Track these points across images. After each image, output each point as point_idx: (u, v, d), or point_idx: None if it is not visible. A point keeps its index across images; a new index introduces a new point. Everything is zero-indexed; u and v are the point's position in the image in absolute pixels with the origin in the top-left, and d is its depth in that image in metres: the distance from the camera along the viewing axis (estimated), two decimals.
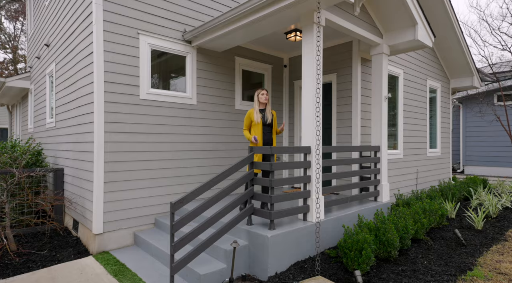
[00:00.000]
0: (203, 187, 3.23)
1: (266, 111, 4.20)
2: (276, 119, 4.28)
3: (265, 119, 4.14)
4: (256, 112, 4.11)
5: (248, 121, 4.14)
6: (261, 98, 4.14)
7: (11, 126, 11.87)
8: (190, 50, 5.13)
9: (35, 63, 7.95)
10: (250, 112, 4.15)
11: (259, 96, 4.14)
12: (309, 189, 3.88)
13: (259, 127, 4.10)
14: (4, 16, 23.58)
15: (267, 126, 4.17)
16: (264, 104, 4.19)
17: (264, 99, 4.14)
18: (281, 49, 6.37)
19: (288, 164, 3.74)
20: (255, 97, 4.17)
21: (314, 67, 3.85)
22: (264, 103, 4.18)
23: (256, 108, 4.14)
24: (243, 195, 3.61)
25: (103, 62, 4.20)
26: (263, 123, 4.14)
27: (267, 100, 4.18)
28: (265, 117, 4.16)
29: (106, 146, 4.24)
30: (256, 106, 4.15)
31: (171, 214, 3.03)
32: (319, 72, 3.89)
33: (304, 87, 3.95)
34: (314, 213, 3.82)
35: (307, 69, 3.92)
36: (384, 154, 5.15)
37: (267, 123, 4.15)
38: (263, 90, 4.17)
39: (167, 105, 4.85)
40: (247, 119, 4.13)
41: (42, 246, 4.45)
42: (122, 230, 4.40)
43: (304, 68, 3.95)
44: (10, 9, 23.07)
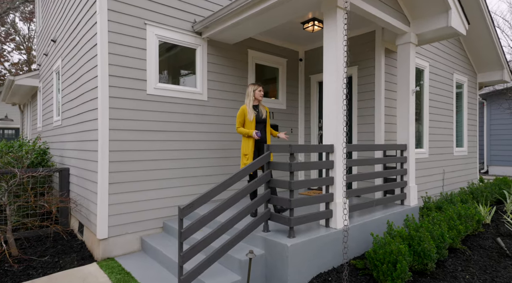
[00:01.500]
0: (215, 190, 2.88)
1: (260, 107, 4.00)
2: (269, 116, 4.08)
3: (260, 116, 3.94)
4: (250, 109, 3.90)
5: (241, 118, 3.90)
6: (257, 94, 3.94)
7: (23, 126, 11.86)
8: (200, 42, 4.79)
9: (43, 61, 7.79)
10: (243, 108, 3.91)
11: (255, 92, 3.93)
12: (332, 192, 3.48)
13: (253, 125, 3.90)
14: (19, 17, 23.94)
15: (262, 123, 3.96)
16: (258, 100, 3.98)
17: (260, 96, 3.96)
18: (296, 42, 5.98)
19: (308, 164, 3.36)
20: (250, 92, 3.94)
21: (340, 56, 3.45)
22: (259, 99, 3.98)
23: (250, 104, 3.91)
24: (259, 198, 3.24)
25: (108, 55, 3.91)
26: (258, 120, 3.93)
27: (262, 97, 4.00)
28: (260, 113, 3.96)
29: (111, 145, 3.94)
30: (250, 102, 3.92)
31: (179, 221, 2.69)
32: (344, 61, 3.49)
33: (326, 79, 3.56)
34: (338, 219, 3.42)
35: (330, 60, 3.52)
36: (412, 153, 4.69)
37: (262, 119, 3.94)
38: (260, 86, 3.99)
39: (176, 101, 4.53)
40: (240, 116, 3.90)
41: (45, 250, 4.20)
42: (128, 235, 4.10)
43: (327, 58, 3.55)
44: (25, 11, 23.38)
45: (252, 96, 3.93)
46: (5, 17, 22.49)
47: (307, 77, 6.25)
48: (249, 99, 3.94)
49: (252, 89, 3.96)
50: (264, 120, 3.99)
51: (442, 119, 6.81)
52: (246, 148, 3.87)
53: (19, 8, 22.50)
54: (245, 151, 3.88)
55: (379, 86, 5.03)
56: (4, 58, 24.56)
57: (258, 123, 3.95)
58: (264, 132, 3.99)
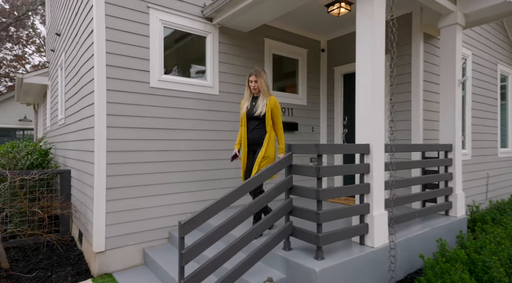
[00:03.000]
0: (224, 200, 2.32)
1: (259, 99, 3.22)
2: (276, 113, 3.18)
3: (251, 110, 3.20)
4: (245, 100, 3.29)
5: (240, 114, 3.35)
6: (250, 85, 3.25)
7: (36, 126, 11.78)
8: (211, 29, 4.26)
9: (51, 57, 7.51)
10: (242, 101, 3.37)
11: (248, 82, 3.28)
12: (368, 202, 2.85)
13: (244, 122, 3.23)
14: (39, 20, 24.41)
15: (255, 120, 3.20)
16: (253, 90, 3.26)
17: (252, 86, 3.21)
18: (317, 30, 5.35)
19: (338, 168, 2.73)
20: (247, 81, 3.31)
21: (379, 39, 2.84)
22: (257, 91, 3.25)
23: (246, 94, 3.30)
24: (278, 209, 2.65)
25: (105, 42, 3.43)
26: (248, 115, 3.21)
27: (257, 89, 3.21)
28: (253, 107, 3.21)
29: (109, 145, 3.46)
30: (246, 92, 3.31)
31: (179, 239, 2.14)
32: (383, 45, 2.86)
33: (360, 69, 2.94)
34: (376, 235, 2.78)
35: (365, 45, 2.90)
36: (458, 155, 3.97)
37: (254, 115, 3.17)
38: (251, 75, 3.22)
39: (184, 95, 4.01)
40: (240, 110, 3.38)
41: (39, 262, 3.77)
42: (129, 246, 3.60)
43: (362, 43, 2.94)
44: (44, 14, 23.77)
45: (247, 86, 3.29)
46: (25, 19, 22.92)
47: (330, 69, 5.60)
48: (245, 89, 3.35)
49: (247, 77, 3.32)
50: (258, 117, 3.15)
51: (486, 116, 5.99)
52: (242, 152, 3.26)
53: (39, 11, 22.89)
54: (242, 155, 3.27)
55: (416, 77, 4.32)
56: (26, 60, 25.12)
57: (250, 119, 3.22)
58: (259, 132, 3.18)
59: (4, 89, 24.79)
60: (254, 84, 3.19)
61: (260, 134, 3.19)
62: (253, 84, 3.19)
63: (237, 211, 2.39)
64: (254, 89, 3.20)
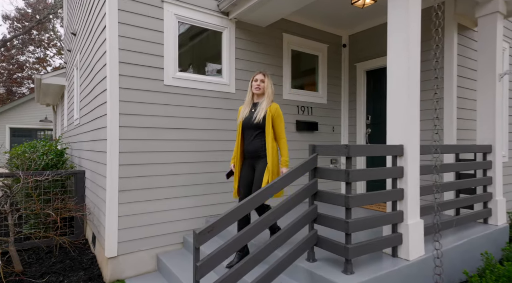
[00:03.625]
0: (245, 206, 2.10)
1: (261, 105, 2.70)
2: (279, 122, 2.69)
3: (249, 118, 2.71)
4: (244, 106, 2.80)
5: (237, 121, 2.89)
6: (253, 85, 2.75)
7: (55, 126, 11.98)
8: (227, 24, 4.05)
9: (68, 58, 7.54)
10: (240, 108, 2.89)
11: (251, 83, 2.79)
12: (402, 210, 2.56)
13: (239, 131, 2.80)
14: (60, 23, 25.07)
15: (253, 128, 2.70)
16: (260, 95, 2.76)
17: (256, 88, 2.72)
18: (339, 24, 5.06)
19: (369, 172, 2.45)
20: (249, 83, 2.84)
21: (415, 29, 2.55)
22: (260, 94, 2.74)
23: (247, 99, 2.79)
24: (302, 217, 2.41)
25: (118, 37, 3.29)
26: (245, 124, 2.73)
27: (261, 90, 2.71)
28: (252, 114, 2.71)
29: (122, 145, 3.31)
30: (248, 96, 2.81)
31: (194, 250, 1.93)
32: (419, 34, 2.57)
33: (392, 63, 2.65)
34: (411, 247, 2.49)
35: (398, 35, 2.61)
36: (499, 157, 3.60)
37: (251, 123, 2.68)
38: (258, 73, 2.78)
39: (199, 93, 3.82)
40: (237, 118, 2.89)
41: (51, 266, 3.68)
42: (142, 252, 3.45)
43: (394, 34, 2.65)
44: None
45: (249, 88, 2.81)
46: (46, 22, 23.60)
47: (352, 65, 5.29)
48: (247, 93, 2.86)
49: (250, 79, 2.83)
50: (258, 126, 2.66)
51: None
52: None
53: (59, 14, 23.50)
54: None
55: (450, 72, 3.97)
56: (47, 62, 25.89)
57: (248, 129, 2.72)
58: (259, 142, 2.69)
59: (27, 91, 25.65)
60: (259, 84, 2.71)
61: (260, 145, 2.70)
62: (258, 83, 2.72)
63: (259, 218, 2.17)
64: (257, 89, 2.71)
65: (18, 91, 26.00)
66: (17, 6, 32.63)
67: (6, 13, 23.82)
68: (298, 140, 4.78)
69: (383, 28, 4.80)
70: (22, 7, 23.81)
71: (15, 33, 23.20)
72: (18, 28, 23.46)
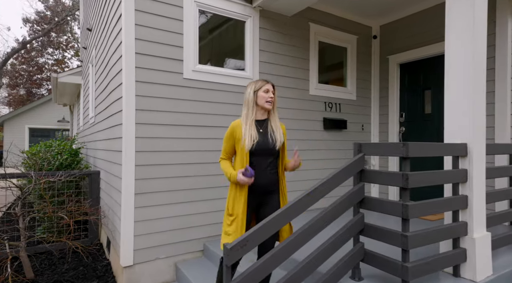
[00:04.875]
0: (279, 218, 1.76)
1: (271, 123, 2.14)
2: (285, 144, 2.17)
3: (266, 141, 2.07)
4: (249, 126, 2.06)
5: (229, 143, 2.12)
6: (262, 97, 2.09)
7: (72, 126, 12.00)
8: (251, 13, 3.73)
9: (84, 56, 7.41)
10: (234, 125, 2.11)
11: (258, 95, 2.10)
12: (465, 221, 2.15)
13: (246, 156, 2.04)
14: (77, 26, 25.48)
15: (269, 155, 2.09)
16: (267, 110, 2.14)
17: (267, 101, 2.09)
18: (369, 14, 4.65)
19: (430, 175, 2.05)
20: (250, 95, 2.12)
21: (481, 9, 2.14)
22: (269, 109, 2.13)
23: (250, 117, 2.08)
24: (346, 229, 2.04)
25: (134, 27, 3.01)
26: (261, 149, 2.04)
27: (273, 105, 2.13)
28: (269, 136, 2.09)
29: (138, 143, 3.04)
30: (250, 113, 2.09)
31: (225, 268, 1.61)
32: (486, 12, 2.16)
33: (452, 46, 2.24)
34: (478, 265, 2.08)
35: (459, 17, 2.21)
36: None
37: (270, 147, 2.06)
38: (268, 82, 2.14)
39: (221, 87, 3.51)
40: (227, 139, 2.13)
41: (64, 273, 3.44)
42: (159, 260, 3.16)
43: (454, 15, 2.24)
44: None
45: (252, 102, 2.09)
46: (64, 25, 24.01)
47: (384, 58, 4.87)
48: (247, 108, 2.10)
49: (251, 89, 2.11)
50: (276, 151, 2.10)
51: None
52: (232, 202, 2.08)
53: (77, 17, 23.87)
54: (230, 206, 2.08)
55: (503, 62, 3.51)
56: (65, 64, 26.39)
57: (261, 155, 2.06)
58: (275, 174, 2.12)
59: (46, 92, 26.22)
60: (272, 97, 2.11)
61: (275, 178, 2.12)
62: (270, 94, 2.10)
63: (301, 228, 1.82)
64: (270, 103, 2.10)
65: (38, 92, 26.62)
66: (37, 9, 33.48)
67: (27, 16, 24.43)
68: (326, 140, 4.41)
69: (418, 17, 4.38)
70: (41, 10, 24.35)
71: (35, 35, 23.71)
72: (38, 30, 23.98)
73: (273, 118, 2.15)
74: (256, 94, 2.11)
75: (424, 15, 4.32)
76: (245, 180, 1.97)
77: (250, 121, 2.08)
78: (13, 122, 16.54)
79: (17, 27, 50.25)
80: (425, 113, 4.41)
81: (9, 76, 25.10)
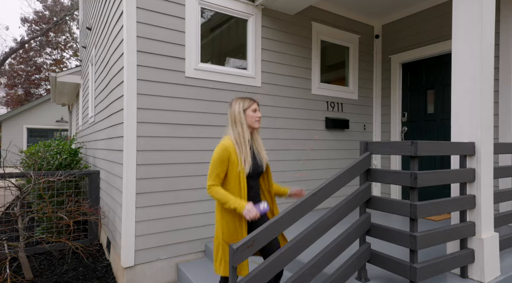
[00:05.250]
0: (289, 215, 1.72)
1: (255, 144, 2.06)
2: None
3: (258, 163, 2.01)
4: (245, 147, 1.94)
5: (222, 167, 1.90)
6: (253, 116, 1.99)
7: (70, 126, 11.93)
8: (253, 11, 3.70)
9: (83, 55, 7.36)
10: (226, 146, 1.91)
11: (247, 114, 1.99)
12: (473, 221, 2.12)
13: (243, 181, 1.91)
14: (76, 26, 25.41)
15: (258, 177, 2.05)
16: (253, 128, 2.04)
17: (257, 122, 2.01)
18: (371, 13, 4.63)
19: (438, 174, 2.02)
20: (239, 113, 1.98)
21: (489, 3, 2.12)
22: (257, 128, 2.05)
23: (247, 137, 1.97)
24: (354, 228, 2.01)
25: (136, 24, 2.97)
26: (256, 171, 1.98)
27: (259, 123, 2.04)
28: (257, 159, 2.03)
29: (140, 143, 3.00)
30: (247, 132, 1.97)
31: (231, 269, 1.57)
32: (494, 6, 2.14)
33: (460, 40, 2.22)
34: (487, 266, 2.05)
35: (468, 7, 2.18)
36: None
37: (260, 169, 2.03)
38: (255, 102, 2.05)
39: (222, 86, 3.48)
40: (220, 163, 1.89)
41: (64, 273, 3.39)
42: (161, 261, 3.11)
43: (461, 10, 2.21)
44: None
45: (243, 120, 1.97)
46: (62, 25, 23.91)
47: (386, 58, 4.85)
48: (241, 127, 1.96)
49: (240, 107, 1.99)
50: (262, 170, 2.05)
51: None
52: (228, 227, 1.92)
53: (75, 17, 23.79)
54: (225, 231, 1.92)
55: (507, 60, 3.49)
56: (64, 64, 26.28)
57: (254, 178, 2.00)
58: (260, 194, 2.07)
59: (44, 92, 26.11)
60: (260, 117, 2.03)
61: (260, 198, 2.08)
62: (258, 114, 2.02)
63: (309, 227, 1.79)
64: (259, 122, 2.03)
65: (36, 92, 26.50)
66: (35, 8, 33.36)
67: (25, 16, 24.33)
68: (328, 139, 4.38)
69: (421, 16, 4.36)
70: (40, 10, 24.25)
71: (33, 35, 23.61)
72: (36, 30, 23.88)
73: (257, 138, 2.08)
74: (245, 113, 1.99)
75: (426, 14, 4.31)
76: (257, 215, 1.79)
77: (247, 142, 1.96)
78: (11, 122, 16.44)
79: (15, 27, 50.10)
80: (427, 113, 4.39)
81: (7, 76, 24.98)
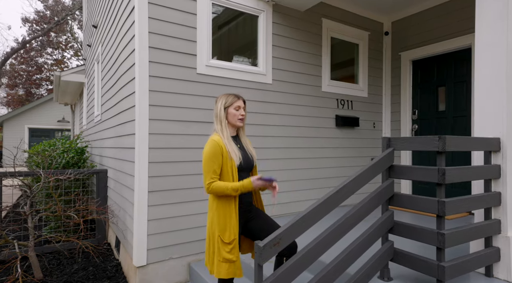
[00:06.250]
0: (316, 211, 1.68)
1: (241, 141, 2.09)
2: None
3: (247, 156, 2.03)
4: (229, 141, 1.95)
5: (218, 161, 1.89)
6: (235, 115, 2.00)
7: (73, 126, 11.88)
8: (264, 7, 3.65)
9: (88, 53, 7.31)
10: (216, 142, 1.90)
11: (228, 111, 2.00)
12: (499, 218, 2.08)
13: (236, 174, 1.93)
14: (77, 25, 25.38)
15: (249, 171, 2.06)
16: (236, 126, 2.05)
17: (240, 121, 2.02)
18: (380, 10, 4.58)
19: (467, 171, 1.96)
20: (221, 110, 2.00)
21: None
22: (240, 126, 2.06)
23: (226, 133, 1.98)
24: (375, 228, 1.96)
25: (148, 20, 2.93)
26: (246, 165, 2.01)
27: (243, 120, 2.05)
28: (247, 153, 2.05)
29: (152, 140, 2.95)
30: (225, 129, 1.98)
31: (257, 267, 1.52)
32: None
33: (483, 34, 2.17)
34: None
35: (491, 4, 2.14)
36: None
37: (253, 164, 2.07)
38: (238, 98, 2.04)
39: (234, 83, 3.43)
40: (214, 158, 1.88)
41: (73, 273, 3.35)
42: (173, 260, 3.07)
43: (485, 1, 2.17)
44: (81, 19, 24.68)
45: (224, 118, 1.99)
46: (63, 25, 23.87)
47: (396, 55, 4.80)
48: (220, 124, 1.99)
49: (222, 104, 2.00)
50: (253, 164, 2.08)
51: None
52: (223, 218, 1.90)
53: (76, 17, 23.76)
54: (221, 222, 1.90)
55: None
56: (64, 64, 26.23)
57: (244, 171, 2.01)
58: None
59: (45, 92, 26.06)
60: (243, 115, 2.04)
61: (252, 192, 2.11)
62: (241, 112, 2.03)
63: (332, 225, 1.74)
64: (241, 120, 2.03)
65: (37, 92, 26.45)
66: (36, 8, 33.32)
67: (26, 16, 24.26)
68: (338, 137, 4.33)
69: (431, 12, 4.31)
70: (41, 10, 24.21)
71: (34, 35, 23.56)
72: (37, 30, 23.83)
73: (242, 135, 2.11)
74: (226, 110, 2.00)
75: (437, 10, 4.26)
76: (265, 183, 1.86)
77: (227, 137, 1.96)
78: (13, 122, 16.39)
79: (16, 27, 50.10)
80: (438, 110, 4.34)
81: (8, 76, 24.94)
